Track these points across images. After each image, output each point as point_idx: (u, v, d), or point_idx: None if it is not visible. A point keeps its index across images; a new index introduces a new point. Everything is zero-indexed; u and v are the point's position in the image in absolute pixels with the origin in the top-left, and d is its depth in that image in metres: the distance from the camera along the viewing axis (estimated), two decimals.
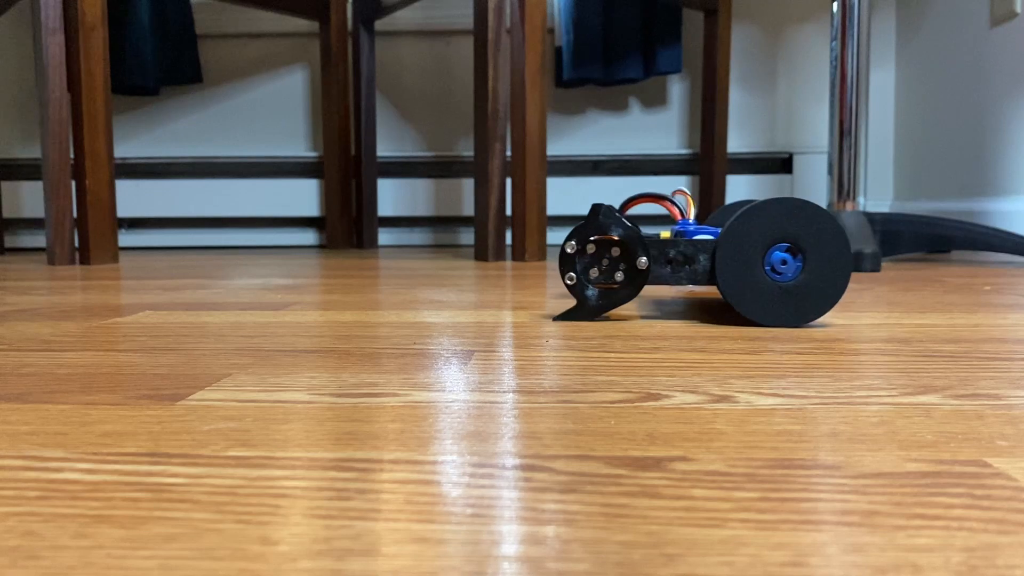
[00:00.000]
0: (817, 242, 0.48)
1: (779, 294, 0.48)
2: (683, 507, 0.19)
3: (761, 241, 0.49)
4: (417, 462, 0.22)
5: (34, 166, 1.79)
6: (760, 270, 0.48)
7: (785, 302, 0.48)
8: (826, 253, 0.48)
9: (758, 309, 0.49)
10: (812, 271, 0.48)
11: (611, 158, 1.75)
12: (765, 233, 0.49)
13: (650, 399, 0.30)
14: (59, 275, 0.96)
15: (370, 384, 0.33)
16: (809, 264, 0.48)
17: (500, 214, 1.19)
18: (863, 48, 1.14)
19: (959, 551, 0.16)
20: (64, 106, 1.17)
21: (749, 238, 0.49)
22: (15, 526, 0.18)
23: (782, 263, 0.48)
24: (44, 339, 0.45)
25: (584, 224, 0.51)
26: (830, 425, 0.26)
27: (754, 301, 0.49)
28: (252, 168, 1.78)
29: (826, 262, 0.48)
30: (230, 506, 0.19)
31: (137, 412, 0.28)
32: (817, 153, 1.73)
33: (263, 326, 0.50)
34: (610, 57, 1.66)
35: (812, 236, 0.48)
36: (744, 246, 0.49)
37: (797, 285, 0.48)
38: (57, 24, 1.15)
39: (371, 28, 1.67)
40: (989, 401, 0.29)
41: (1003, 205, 1.34)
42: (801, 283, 0.48)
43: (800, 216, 0.48)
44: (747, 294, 0.49)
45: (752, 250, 0.49)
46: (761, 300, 0.48)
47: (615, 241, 0.51)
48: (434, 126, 1.81)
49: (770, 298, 0.48)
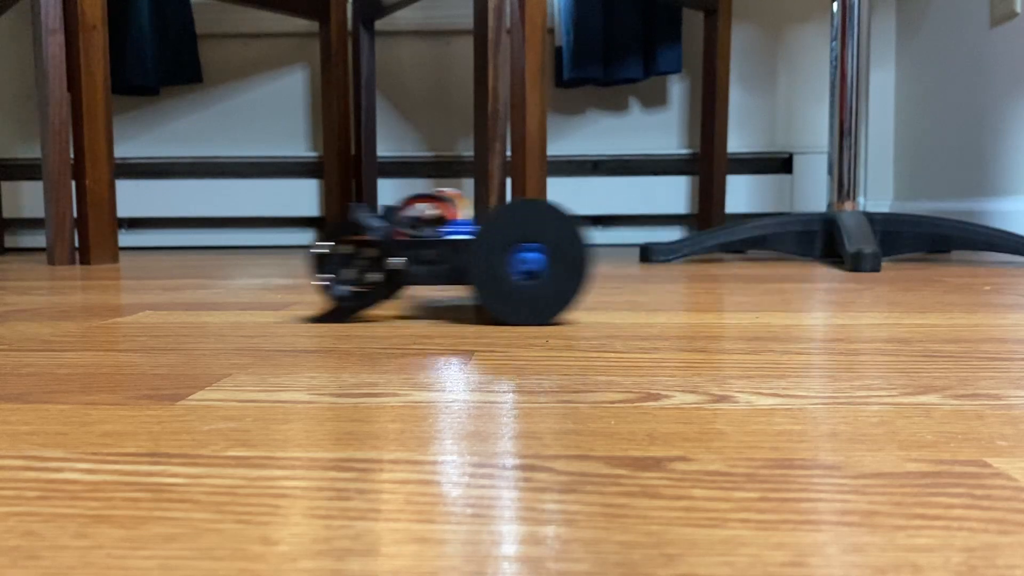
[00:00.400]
0: (558, 244, 0.49)
1: (522, 293, 0.50)
2: (683, 507, 0.19)
3: (507, 241, 0.49)
4: (417, 462, 0.22)
5: (34, 166, 1.79)
6: (505, 270, 0.50)
7: (526, 301, 0.50)
8: (566, 255, 0.49)
9: (503, 307, 0.50)
10: (552, 272, 0.49)
11: (611, 158, 1.75)
12: (511, 234, 0.49)
13: (650, 399, 0.30)
14: (59, 275, 0.96)
15: (370, 384, 0.33)
16: (551, 265, 0.49)
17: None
18: (863, 48, 1.14)
19: (959, 551, 0.16)
20: (64, 106, 1.17)
21: (497, 238, 0.49)
22: (15, 526, 0.18)
23: (524, 263, 0.49)
24: (44, 339, 0.45)
25: (336, 224, 0.51)
26: (830, 425, 0.26)
27: (500, 299, 0.50)
28: (252, 168, 1.78)
29: (565, 264, 0.49)
30: (230, 506, 0.19)
31: (137, 412, 0.28)
32: (817, 153, 1.73)
33: (263, 326, 0.50)
34: (610, 57, 1.66)
35: (554, 238, 0.49)
36: (492, 246, 0.49)
37: (538, 285, 0.50)
38: (57, 24, 1.15)
39: (371, 28, 1.67)
40: (989, 401, 0.29)
41: (1003, 205, 1.34)
42: (542, 283, 0.50)
43: (544, 218, 0.49)
44: (494, 292, 0.50)
45: (499, 250, 0.49)
46: (506, 298, 0.50)
47: (368, 242, 0.51)
48: (434, 126, 1.81)
49: (514, 297, 0.50)
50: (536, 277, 0.50)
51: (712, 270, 0.98)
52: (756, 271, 0.96)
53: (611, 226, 1.78)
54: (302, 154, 1.78)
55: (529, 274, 0.50)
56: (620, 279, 0.84)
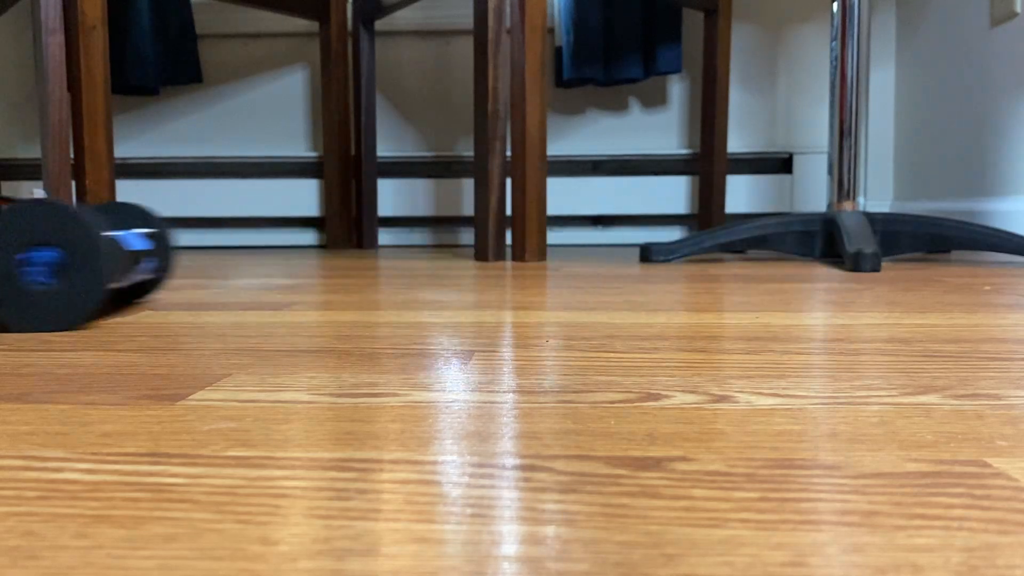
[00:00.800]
0: (72, 248, 0.47)
1: (36, 298, 0.48)
2: (683, 507, 0.19)
3: (18, 243, 0.47)
4: (417, 462, 0.22)
5: (34, 166, 1.80)
6: (17, 272, 0.47)
7: (41, 306, 0.48)
8: (80, 260, 0.48)
9: (14, 313, 0.47)
10: (67, 277, 0.48)
11: (611, 158, 1.75)
12: (23, 235, 0.47)
13: (650, 399, 0.30)
14: None
15: (370, 384, 0.33)
16: (64, 270, 0.48)
17: (500, 214, 1.19)
18: (863, 48, 1.14)
19: (959, 551, 0.16)
20: (64, 106, 1.17)
21: (8, 239, 0.47)
22: (15, 526, 0.18)
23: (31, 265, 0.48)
24: (44, 339, 0.45)
25: None
26: (830, 425, 0.26)
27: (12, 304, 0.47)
28: (252, 168, 1.78)
29: (79, 269, 0.48)
30: (230, 506, 0.19)
31: (137, 412, 0.28)
32: (817, 153, 1.73)
33: (263, 326, 0.50)
34: (610, 57, 1.66)
35: (68, 242, 0.47)
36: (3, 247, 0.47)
37: (53, 290, 0.48)
38: (57, 24, 1.15)
39: (371, 28, 1.67)
40: (989, 401, 0.29)
41: (1003, 205, 1.34)
42: (56, 288, 0.48)
43: (57, 220, 0.47)
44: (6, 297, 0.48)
45: (10, 252, 0.47)
46: (18, 304, 0.47)
47: None
48: (434, 126, 1.81)
49: (27, 302, 0.48)
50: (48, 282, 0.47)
51: (712, 270, 0.98)
52: (756, 271, 0.96)
53: (611, 226, 1.78)
54: (302, 154, 1.78)
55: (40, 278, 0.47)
56: (620, 279, 0.84)
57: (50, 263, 0.48)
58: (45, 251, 0.48)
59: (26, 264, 0.48)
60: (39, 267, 0.48)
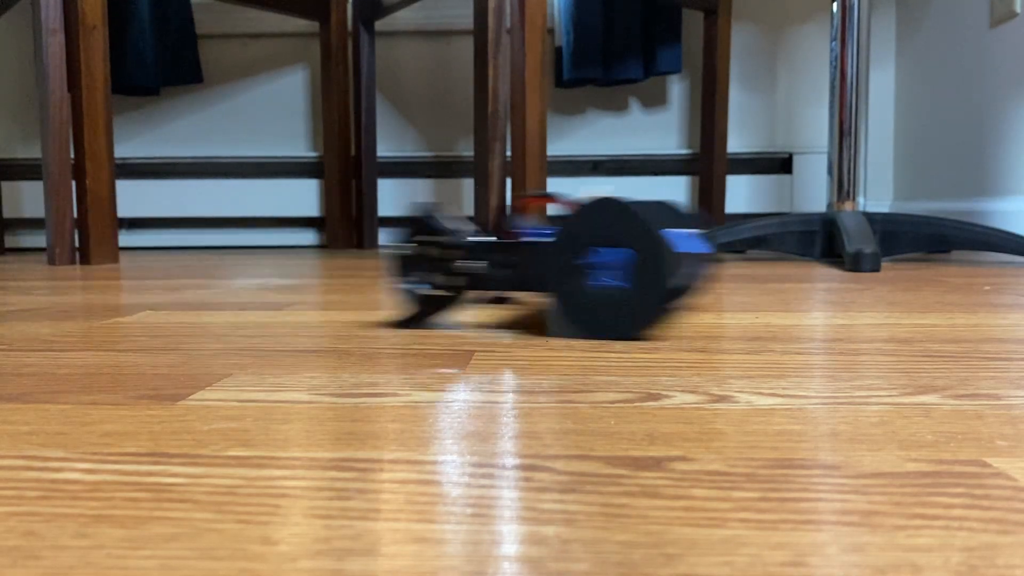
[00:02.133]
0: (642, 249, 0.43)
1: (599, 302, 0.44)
2: (683, 507, 0.19)
3: (586, 244, 0.43)
4: (417, 462, 0.22)
5: (34, 166, 1.79)
6: (582, 276, 0.44)
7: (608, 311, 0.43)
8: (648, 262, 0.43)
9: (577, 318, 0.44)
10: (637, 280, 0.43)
11: (611, 158, 1.75)
12: (590, 236, 0.43)
13: (650, 399, 0.30)
14: (59, 275, 0.96)
15: (370, 384, 0.33)
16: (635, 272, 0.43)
17: (500, 214, 1.19)
18: (863, 48, 1.14)
19: (959, 551, 0.16)
20: (64, 106, 1.17)
21: (576, 242, 0.44)
22: (15, 526, 0.18)
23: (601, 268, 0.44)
24: (44, 339, 0.45)
25: (417, 225, 0.48)
26: (830, 425, 0.26)
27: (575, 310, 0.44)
28: (252, 168, 1.78)
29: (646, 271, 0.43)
30: (230, 506, 0.19)
31: (137, 412, 0.28)
32: (817, 153, 1.73)
33: (263, 326, 0.50)
34: (610, 57, 1.66)
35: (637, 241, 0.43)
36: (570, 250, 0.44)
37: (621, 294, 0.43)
38: (57, 24, 1.15)
39: (371, 28, 1.67)
40: (989, 401, 0.29)
41: (1003, 205, 1.34)
42: (624, 293, 0.43)
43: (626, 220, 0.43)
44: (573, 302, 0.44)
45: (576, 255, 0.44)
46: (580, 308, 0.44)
47: (441, 244, 0.48)
48: (434, 126, 1.81)
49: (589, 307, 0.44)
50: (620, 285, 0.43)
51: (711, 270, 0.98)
52: (756, 271, 0.96)
53: None
54: (302, 154, 1.78)
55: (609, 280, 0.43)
56: None
57: (620, 265, 0.43)
58: (614, 252, 0.43)
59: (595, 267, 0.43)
60: (609, 269, 0.43)
